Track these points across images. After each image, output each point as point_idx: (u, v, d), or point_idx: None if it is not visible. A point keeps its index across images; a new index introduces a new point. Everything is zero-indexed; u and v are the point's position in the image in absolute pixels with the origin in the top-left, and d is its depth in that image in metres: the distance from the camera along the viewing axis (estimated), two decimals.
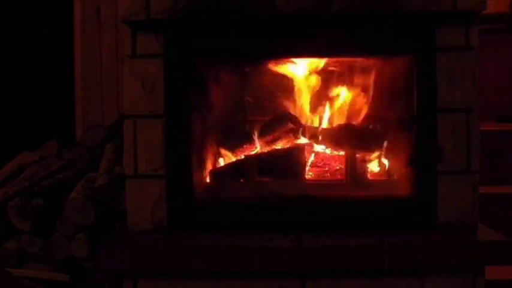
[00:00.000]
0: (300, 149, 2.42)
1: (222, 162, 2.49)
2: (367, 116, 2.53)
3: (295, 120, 2.52)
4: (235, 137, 2.54)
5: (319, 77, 2.53)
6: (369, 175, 2.41)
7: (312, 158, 2.48)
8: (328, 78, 2.53)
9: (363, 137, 2.46)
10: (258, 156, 2.45)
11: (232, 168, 2.43)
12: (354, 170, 2.35)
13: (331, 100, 2.56)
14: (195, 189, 2.28)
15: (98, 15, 3.38)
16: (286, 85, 2.55)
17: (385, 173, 2.44)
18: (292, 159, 2.39)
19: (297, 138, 2.50)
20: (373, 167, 2.46)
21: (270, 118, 2.56)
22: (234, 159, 2.49)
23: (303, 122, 2.53)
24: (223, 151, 2.50)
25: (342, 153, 2.46)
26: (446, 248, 2.08)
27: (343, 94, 2.54)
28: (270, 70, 2.54)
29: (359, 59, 2.46)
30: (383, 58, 2.40)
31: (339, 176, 2.44)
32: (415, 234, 2.15)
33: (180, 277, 2.13)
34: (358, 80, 2.52)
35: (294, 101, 2.56)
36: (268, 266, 2.09)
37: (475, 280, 2.12)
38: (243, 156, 2.47)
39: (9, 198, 2.53)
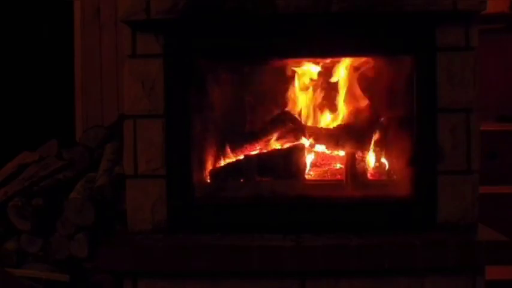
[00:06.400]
0: (300, 149, 2.42)
1: (222, 162, 2.49)
2: (367, 116, 2.52)
3: (295, 120, 2.52)
4: (235, 137, 2.53)
5: (319, 77, 2.53)
6: (369, 175, 2.41)
7: (312, 158, 2.47)
8: (328, 78, 2.53)
9: (362, 137, 2.45)
10: (258, 156, 2.45)
11: (232, 168, 2.43)
12: (354, 170, 2.35)
13: (331, 100, 2.55)
14: (195, 189, 2.28)
15: (98, 15, 3.38)
16: (286, 85, 2.55)
17: (385, 173, 2.44)
18: (292, 159, 2.39)
19: (297, 138, 2.50)
20: (373, 166, 2.45)
21: (270, 118, 2.56)
22: (234, 159, 2.49)
23: (303, 122, 2.53)
24: (223, 151, 2.50)
25: (342, 153, 2.46)
26: (446, 248, 2.08)
27: (343, 94, 2.54)
28: (270, 70, 2.54)
29: (359, 59, 2.45)
30: (383, 58, 2.40)
31: (339, 176, 2.44)
32: (415, 234, 2.15)
33: (180, 277, 2.13)
34: (358, 79, 2.51)
35: (294, 101, 2.56)
36: (268, 266, 2.09)
37: (475, 280, 2.12)
38: (243, 156, 2.46)
39: (9, 198, 2.53)
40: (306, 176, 2.41)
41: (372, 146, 2.45)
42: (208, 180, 2.40)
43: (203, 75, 2.35)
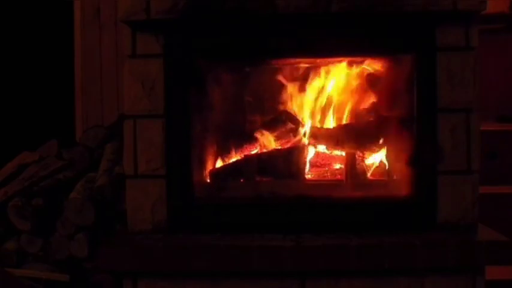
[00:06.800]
0: (300, 149, 2.42)
1: (222, 162, 2.49)
2: (367, 116, 2.52)
3: (295, 120, 2.52)
4: (235, 137, 2.53)
5: (320, 77, 2.53)
6: (369, 175, 2.41)
7: (312, 158, 2.47)
8: (328, 78, 2.53)
9: (362, 137, 2.45)
10: (258, 156, 2.45)
11: (232, 168, 2.43)
12: (354, 170, 2.35)
13: (331, 100, 2.55)
14: (195, 189, 2.28)
15: (98, 15, 3.38)
16: (286, 85, 2.55)
17: (385, 173, 2.44)
18: (292, 159, 2.39)
19: (296, 138, 2.50)
20: (373, 167, 2.45)
21: (270, 118, 2.56)
22: (234, 159, 2.49)
23: (303, 122, 2.53)
24: (223, 151, 2.50)
25: (342, 153, 2.46)
26: (446, 248, 2.08)
27: (343, 94, 2.54)
28: (270, 70, 2.54)
29: (359, 59, 2.45)
30: (383, 58, 2.40)
31: (339, 176, 2.44)
32: (415, 235, 2.15)
33: (180, 277, 2.13)
34: (358, 80, 2.51)
35: (294, 101, 2.56)
36: (268, 266, 2.09)
37: (475, 280, 2.12)
38: (243, 156, 2.47)
39: (9, 198, 2.53)
40: (306, 176, 2.41)
41: (372, 146, 2.45)
42: (208, 180, 2.40)
43: (203, 75, 2.35)
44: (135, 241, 2.18)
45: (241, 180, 2.39)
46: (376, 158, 2.46)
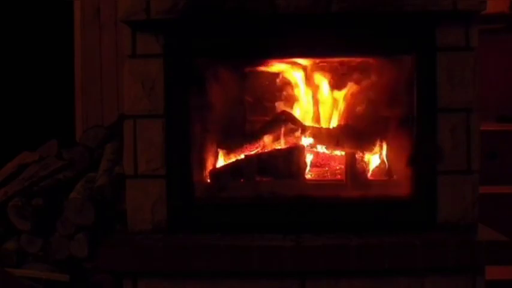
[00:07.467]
0: (300, 149, 2.42)
1: (222, 162, 2.49)
2: (367, 116, 2.52)
3: (295, 120, 2.52)
4: (235, 137, 2.53)
5: (319, 77, 2.53)
6: (369, 175, 2.41)
7: (312, 158, 2.47)
8: (328, 78, 2.53)
9: (363, 137, 2.46)
10: (258, 156, 2.45)
11: (232, 168, 2.43)
12: (354, 170, 2.35)
13: (332, 100, 2.55)
14: (195, 189, 2.28)
15: (98, 15, 3.38)
16: (286, 85, 2.55)
17: (385, 173, 2.44)
18: (292, 159, 2.39)
19: (296, 138, 2.50)
20: (373, 166, 2.45)
21: (270, 118, 2.56)
22: (234, 159, 2.49)
23: (302, 122, 2.53)
24: (223, 151, 2.50)
25: (342, 153, 2.46)
26: (446, 248, 2.08)
27: (343, 94, 2.54)
28: (269, 70, 2.54)
29: (359, 59, 2.46)
30: (383, 58, 2.40)
31: (339, 176, 2.44)
32: (415, 234, 2.15)
33: (180, 277, 2.13)
34: (358, 79, 2.51)
35: (294, 101, 2.56)
36: (268, 266, 2.09)
37: (475, 280, 2.12)
38: (243, 156, 2.46)
39: (9, 198, 2.53)
40: (306, 176, 2.41)
41: (372, 146, 2.45)
42: (208, 180, 2.40)
43: (203, 75, 2.35)
44: (135, 241, 2.18)
45: (241, 180, 2.39)
46: (376, 158, 2.46)
